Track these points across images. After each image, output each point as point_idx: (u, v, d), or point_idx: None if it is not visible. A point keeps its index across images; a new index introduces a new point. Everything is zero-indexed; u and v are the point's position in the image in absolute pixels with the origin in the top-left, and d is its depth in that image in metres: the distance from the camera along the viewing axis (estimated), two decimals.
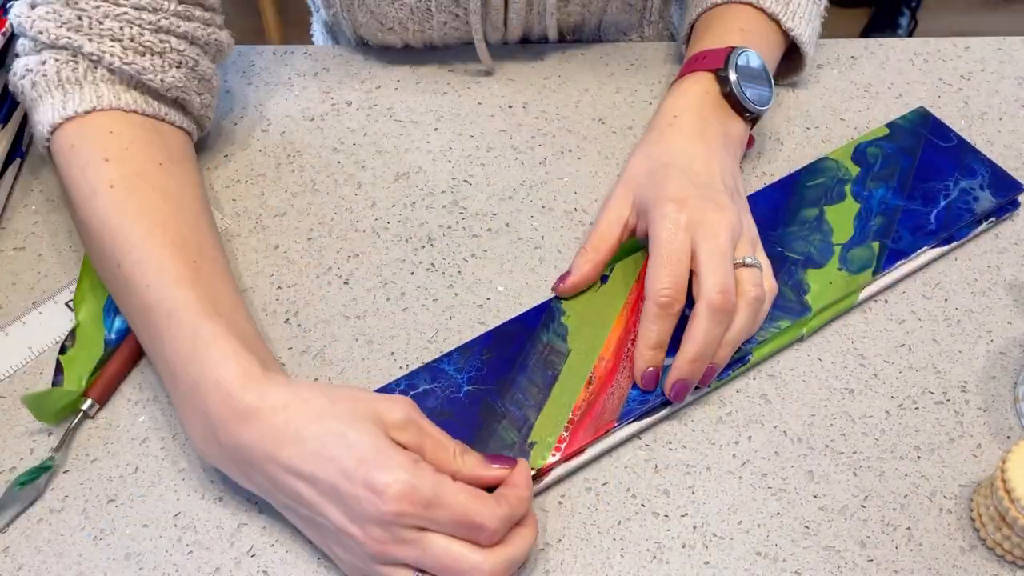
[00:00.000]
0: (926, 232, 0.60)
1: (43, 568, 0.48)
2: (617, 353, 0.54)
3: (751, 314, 0.53)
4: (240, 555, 0.49)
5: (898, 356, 0.57)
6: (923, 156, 0.64)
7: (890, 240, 0.59)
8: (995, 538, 0.48)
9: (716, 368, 0.53)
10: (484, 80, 0.71)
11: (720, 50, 0.61)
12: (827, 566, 0.49)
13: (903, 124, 0.66)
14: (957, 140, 0.65)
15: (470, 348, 0.54)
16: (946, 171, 0.63)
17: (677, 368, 0.52)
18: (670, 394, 0.52)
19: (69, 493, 0.51)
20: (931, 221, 0.60)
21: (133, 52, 0.56)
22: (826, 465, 0.52)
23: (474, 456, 0.47)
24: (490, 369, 0.53)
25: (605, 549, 0.49)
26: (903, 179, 0.62)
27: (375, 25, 0.71)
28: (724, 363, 0.53)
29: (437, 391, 0.52)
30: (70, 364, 0.55)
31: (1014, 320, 0.58)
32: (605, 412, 0.52)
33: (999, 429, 0.54)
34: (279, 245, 0.62)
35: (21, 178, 0.66)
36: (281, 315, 0.58)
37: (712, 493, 0.51)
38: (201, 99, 0.61)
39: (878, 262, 0.58)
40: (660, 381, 0.53)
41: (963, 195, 0.61)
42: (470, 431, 0.51)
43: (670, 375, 0.52)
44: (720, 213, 0.54)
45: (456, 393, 0.52)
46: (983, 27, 1.98)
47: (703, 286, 0.52)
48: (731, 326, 0.52)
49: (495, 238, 0.62)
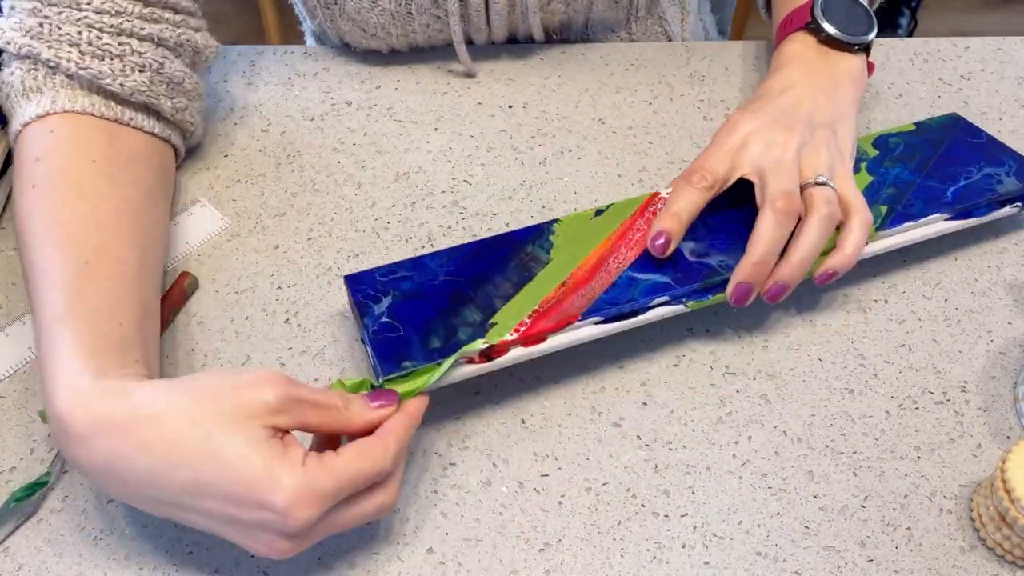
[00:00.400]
0: (941, 203, 0.58)
1: (43, 568, 0.48)
2: (596, 265, 0.54)
3: (821, 231, 0.53)
4: (240, 555, 0.49)
5: (898, 356, 0.57)
6: (948, 146, 0.62)
7: (900, 206, 0.58)
8: (995, 538, 0.48)
9: (784, 287, 0.53)
10: (484, 80, 0.71)
11: (802, 7, 0.63)
12: (827, 566, 0.49)
13: (932, 124, 0.65)
14: (987, 138, 0.63)
15: (457, 251, 0.55)
16: (971, 159, 0.61)
17: (740, 270, 0.53)
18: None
19: (69, 493, 0.51)
20: (947, 195, 0.59)
21: (91, 56, 0.56)
22: (826, 465, 0.52)
23: (357, 402, 0.46)
24: (468, 265, 0.54)
25: (605, 549, 0.49)
26: (923, 162, 0.61)
27: (359, 32, 0.71)
28: (793, 282, 0.53)
29: (415, 278, 0.53)
30: None
31: (1014, 320, 0.58)
32: (571, 308, 0.52)
33: (999, 429, 0.54)
34: (279, 245, 0.62)
35: None
36: (281, 315, 0.58)
37: (712, 493, 0.51)
38: (173, 103, 0.61)
39: (883, 221, 0.57)
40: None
41: (986, 178, 0.60)
42: (435, 312, 0.51)
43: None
44: (787, 132, 0.55)
45: (432, 280, 0.53)
46: (983, 27, 1.98)
47: (766, 190, 0.53)
48: (799, 241, 0.53)
49: None
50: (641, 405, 0.54)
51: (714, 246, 0.56)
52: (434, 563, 0.49)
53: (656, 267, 0.54)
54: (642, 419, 0.54)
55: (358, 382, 0.48)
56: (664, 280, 0.54)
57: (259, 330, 0.58)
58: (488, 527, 0.50)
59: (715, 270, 0.54)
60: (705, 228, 0.56)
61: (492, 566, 0.48)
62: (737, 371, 0.56)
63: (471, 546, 0.49)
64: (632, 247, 0.55)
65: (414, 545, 0.49)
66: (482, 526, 0.50)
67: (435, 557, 0.49)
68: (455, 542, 0.49)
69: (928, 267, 0.61)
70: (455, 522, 0.50)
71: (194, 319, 0.58)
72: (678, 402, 0.55)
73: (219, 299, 0.59)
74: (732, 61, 0.72)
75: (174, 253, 0.61)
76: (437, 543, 0.49)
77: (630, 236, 0.56)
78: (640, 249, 0.55)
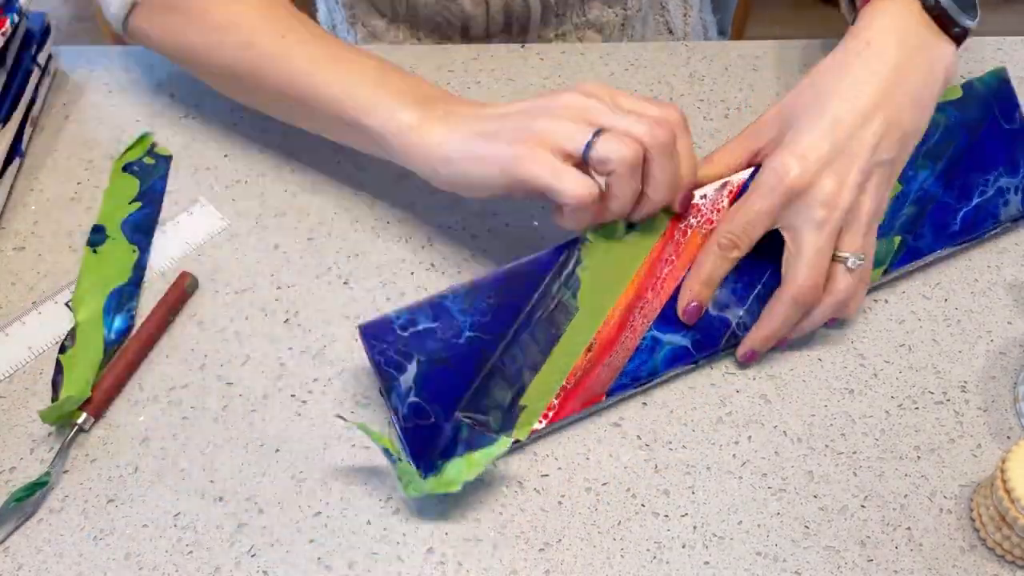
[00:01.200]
0: (948, 233, 0.59)
1: (43, 568, 0.48)
2: (622, 321, 0.53)
3: (833, 311, 0.54)
4: (240, 555, 0.49)
5: (898, 356, 0.57)
6: (982, 135, 0.59)
7: (912, 238, 0.58)
8: (995, 538, 0.48)
9: (784, 343, 0.55)
10: (484, 80, 0.71)
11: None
12: (827, 566, 0.49)
13: (979, 88, 0.60)
14: (1020, 123, 0.61)
15: (478, 288, 0.52)
16: (993, 162, 0.60)
17: (750, 339, 0.54)
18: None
19: (69, 493, 0.51)
20: (956, 222, 0.59)
21: None
22: (826, 465, 0.52)
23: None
24: (494, 316, 0.51)
25: (605, 549, 0.49)
26: (951, 163, 0.59)
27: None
28: (793, 339, 0.55)
29: (438, 332, 0.51)
30: (70, 364, 0.55)
31: (1014, 320, 0.58)
32: (597, 384, 0.52)
33: (999, 429, 0.54)
34: (279, 245, 0.62)
35: (21, 178, 0.66)
36: (281, 315, 0.58)
37: (712, 493, 0.51)
38: None
39: (894, 258, 0.57)
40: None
41: (997, 196, 0.60)
42: (464, 383, 0.51)
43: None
44: (836, 186, 0.50)
45: (456, 338, 0.51)
46: (983, 27, 1.98)
47: (792, 272, 0.52)
48: (810, 315, 0.53)
49: (495, 238, 0.62)
50: (641, 405, 0.54)
51: (735, 293, 0.55)
52: (434, 563, 0.49)
53: (678, 325, 0.54)
54: (642, 419, 0.54)
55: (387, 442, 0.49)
56: (684, 344, 0.54)
57: (259, 330, 0.58)
58: (488, 527, 0.50)
59: (733, 332, 0.55)
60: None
61: (492, 566, 0.48)
62: (737, 371, 0.56)
63: (471, 546, 0.49)
64: (659, 291, 0.54)
65: (414, 545, 0.49)
66: (482, 526, 0.50)
67: (435, 557, 0.49)
68: (455, 542, 0.49)
69: (928, 267, 0.61)
70: (455, 522, 0.50)
71: (194, 319, 0.58)
72: (678, 402, 0.55)
73: (219, 299, 0.59)
74: (732, 61, 0.72)
75: (174, 253, 0.61)
76: (437, 543, 0.49)
77: (658, 273, 0.54)
78: (666, 297, 0.54)
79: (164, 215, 0.63)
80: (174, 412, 0.54)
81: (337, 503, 0.51)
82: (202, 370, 0.56)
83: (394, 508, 0.50)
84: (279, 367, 0.56)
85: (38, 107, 0.69)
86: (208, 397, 0.55)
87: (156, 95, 0.71)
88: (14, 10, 0.65)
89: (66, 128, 0.69)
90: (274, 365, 0.56)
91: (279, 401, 0.55)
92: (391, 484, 0.51)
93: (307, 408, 0.54)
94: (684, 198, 0.52)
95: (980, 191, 0.60)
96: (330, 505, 0.51)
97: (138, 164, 0.66)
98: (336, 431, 0.53)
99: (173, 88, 0.71)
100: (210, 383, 0.55)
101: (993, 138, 0.60)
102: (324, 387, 0.55)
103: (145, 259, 0.61)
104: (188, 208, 0.64)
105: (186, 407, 0.54)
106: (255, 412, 0.54)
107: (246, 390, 0.55)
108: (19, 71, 0.66)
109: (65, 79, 0.72)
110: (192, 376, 0.56)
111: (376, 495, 0.51)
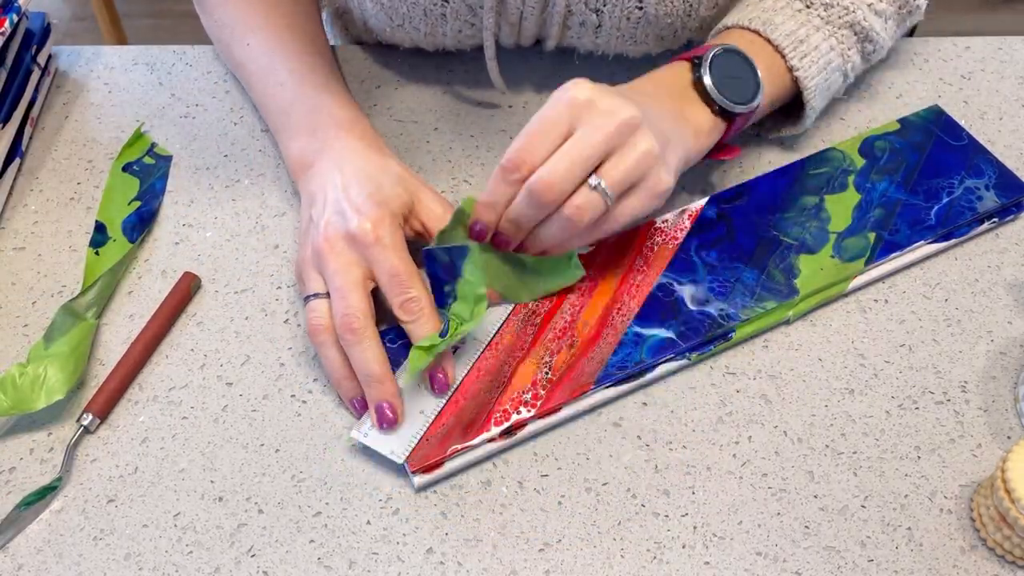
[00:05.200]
0: (924, 227, 0.60)
1: (43, 568, 0.48)
2: (602, 321, 0.55)
3: (559, 228, 0.52)
4: (240, 555, 0.49)
5: (898, 356, 0.57)
6: (931, 152, 0.64)
7: (887, 233, 0.60)
8: (995, 538, 0.48)
9: (507, 242, 0.54)
10: (484, 80, 0.71)
11: (708, 45, 0.59)
12: (827, 566, 0.49)
13: (915, 120, 0.66)
14: (968, 140, 0.65)
15: None
16: (953, 169, 0.63)
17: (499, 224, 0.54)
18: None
19: (69, 493, 0.51)
20: (931, 217, 0.61)
21: None
22: (826, 465, 0.52)
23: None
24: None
25: (605, 549, 0.49)
26: (908, 174, 0.63)
27: (384, 19, 0.69)
28: (533, 251, 0.55)
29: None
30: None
31: (1014, 320, 0.58)
32: (583, 376, 0.53)
33: (999, 429, 0.54)
34: (279, 245, 0.62)
35: (21, 178, 0.66)
36: (281, 315, 0.58)
37: (712, 493, 0.51)
38: None
39: (872, 252, 0.59)
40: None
41: (967, 193, 0.62)
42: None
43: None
44: (621, 105, 0.51)
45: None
46: (983, 27, 1.98)
47: (543, 165, 0.50)
48: (540, 227, 0.53)
49: None
50: (641, 405, 0.54)
51: (713, 290, 0.57)
52: (434, 563, 0.49)
53: (660, 320, 0.55)
54: (642, 419, 0.54)
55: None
56: (668, 336, 0.55)
57: (259, 330, 0.58)
58: (488, 527, 0.50)
59: (716, 321, 0.55)
60: (705, 268, 0.58)
61: (492, 566, 0.48)
62: (737, 371, 0.56)
63: (471, 546, 0.49)
64: (634, 295, 0.57)
65: (414, 545, 0.49)
66: (482, 526, 0.50)
67: (435, 557, 0.49)
68: (455, 542, 0.49)
69: (928, 267, 0.61)
70: (455, 522, 0.50)
71: (194, 319, 0.58)
72: (678, 402, 0.55)
73: (219, 299, 0.59)
74: None
75: (174, 253, 0.61)
76: (437, 543, 0.49)
77: (632, 281, 0.57)
78: (642, 300, 0.56)
79: (164, 215, 0.63)
80: (174, 412, 0.54)
81: (337, 503, 0.51)
82: (202, 370, 0.56)
83: (394, 508, 0.50)
84: (279, 367, 0.56)
85: (38, 107, 0.69)
86: (208, 397, 0.55)
87: (156, 95, 0.71)
88: (14, 10, 0.65)
89: (66, 128, 0.69)
90: (274, 365, 0.56)
91: (279, 401, 0.55)
92: (391, 484, 0.51)
93: (307, 408, 0.54)
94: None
95: (947, 191, 0.62)
96: (330, 505, 0.51)
97: (138, 164, 0.66)
98: (336, 431, 0.53)
99: (173, 88, 0.71)
100: (210, 383, 0.55)
101: (945, 152, 0.64)
102: (324, 387, 0.55)
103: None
104: (188, 208, 0.64)
105: (186, 407, 0.54)
106: (255, 412, 0.54)
107: (246, 390, 0.55)
108: (19, 71, 0.66)
109: (65, 79, 0.72)
110: (192, 376, 0.56)
111: (376, 495, 0.51)
